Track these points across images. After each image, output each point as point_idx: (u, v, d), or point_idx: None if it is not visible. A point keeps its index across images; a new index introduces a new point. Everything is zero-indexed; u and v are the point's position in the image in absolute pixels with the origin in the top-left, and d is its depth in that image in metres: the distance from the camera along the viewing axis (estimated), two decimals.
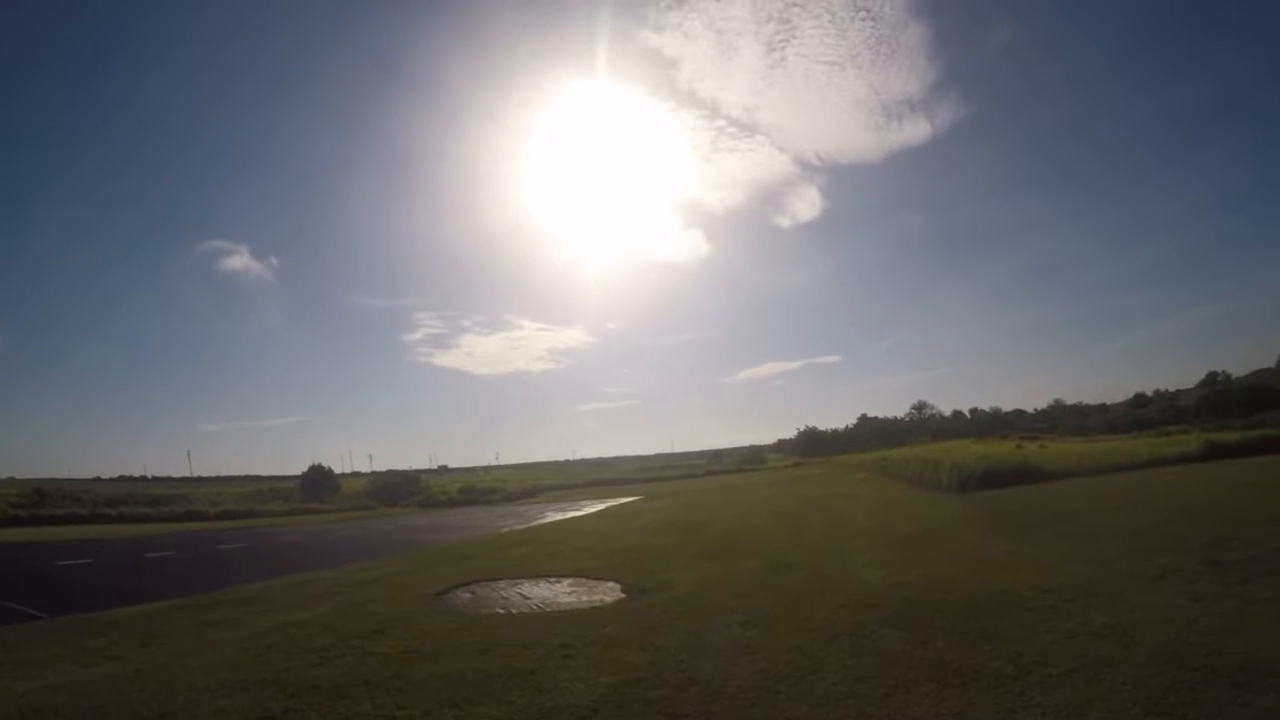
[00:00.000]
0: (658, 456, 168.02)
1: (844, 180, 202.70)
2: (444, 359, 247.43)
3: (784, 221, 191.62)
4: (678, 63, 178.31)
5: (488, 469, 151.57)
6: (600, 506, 47.58)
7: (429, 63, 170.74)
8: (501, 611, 12.52)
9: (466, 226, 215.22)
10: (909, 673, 7.33)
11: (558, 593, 14.19)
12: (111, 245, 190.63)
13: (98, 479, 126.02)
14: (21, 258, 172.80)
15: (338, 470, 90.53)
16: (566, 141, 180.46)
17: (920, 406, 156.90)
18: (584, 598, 13.41)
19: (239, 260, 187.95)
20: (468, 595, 14.35)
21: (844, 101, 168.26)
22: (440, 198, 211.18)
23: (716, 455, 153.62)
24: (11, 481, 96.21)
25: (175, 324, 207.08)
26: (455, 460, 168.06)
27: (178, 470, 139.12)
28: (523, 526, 34.28)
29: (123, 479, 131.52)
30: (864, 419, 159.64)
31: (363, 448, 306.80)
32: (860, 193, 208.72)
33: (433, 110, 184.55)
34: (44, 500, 54.88)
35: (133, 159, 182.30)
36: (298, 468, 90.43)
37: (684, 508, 36.75)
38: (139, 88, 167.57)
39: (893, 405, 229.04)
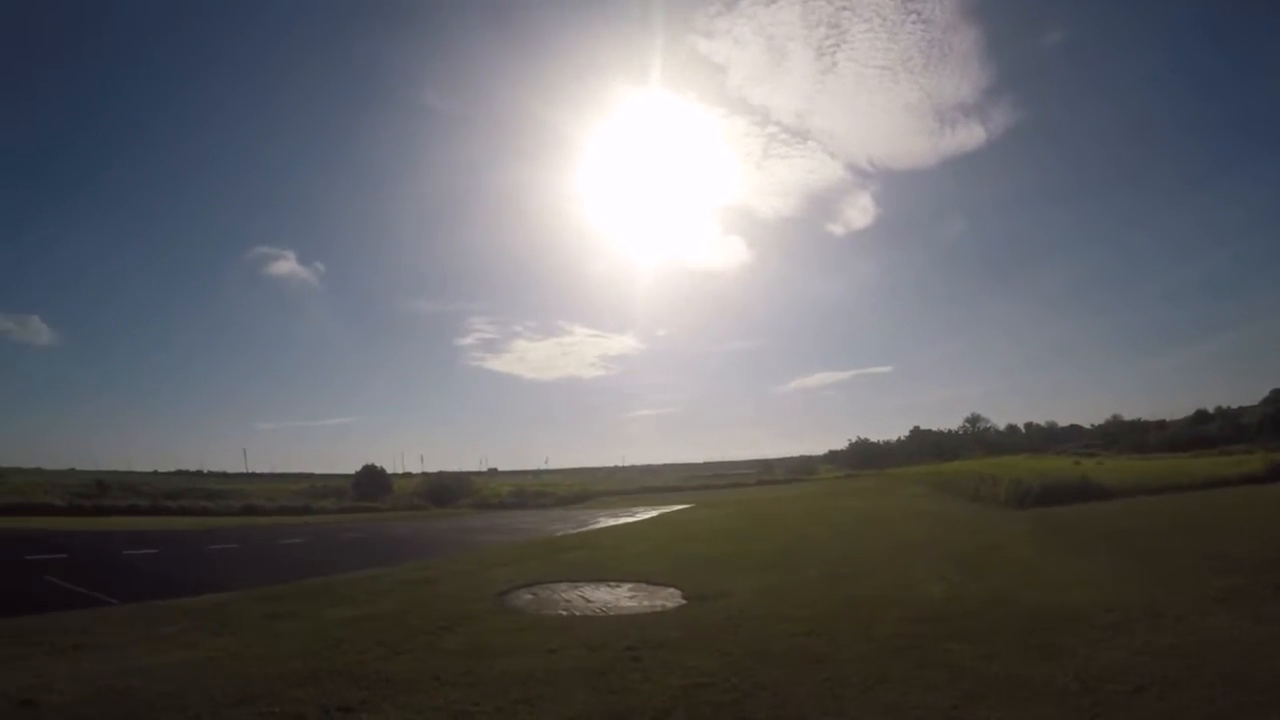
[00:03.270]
0: (707, 465, 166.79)
1: (897, 187, 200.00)
2: (496, 363, 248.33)
3: (837, 229, 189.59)
4: (727, 69, 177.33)
5: (537, 473, 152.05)
6: (653, 513, 47.65)
7: (479, 71, 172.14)
8: (564, 613, 12.74)
9: (520, 232, 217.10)
10: (976, 686, 7.41)
11: (619, 597, 14.38)
12: (167, 250, 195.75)
13: (155, 472, 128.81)
14: (82, 263, 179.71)
15: (390, 470, 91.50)
16: (618, 148, 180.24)
17: (974, 420, 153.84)
18: (645, 602, 13.59)
19: (285, 265, 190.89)
20: (529, 596, 14.58)
21: (896, 106, 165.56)
22: (493, 203, 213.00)
23: (766, 465, 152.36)
24: (73, 473, 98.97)
25: (228, 326, 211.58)
26: (505, 463, 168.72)
27: (233, 466, 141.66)
28: (577, 531, 34.51)
29: (180, 473, 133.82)
30: (916, 431, 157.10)
31: (414, 449, 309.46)
32: (914, 199, 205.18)
33: (484, 117, 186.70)
34: (105, 491, 55.70)
35: (182, 167, 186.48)
36: (350, 467, 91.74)
37: (738, 516, 36.79)
38: (183, 97, 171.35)
39: (945, 418, 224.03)
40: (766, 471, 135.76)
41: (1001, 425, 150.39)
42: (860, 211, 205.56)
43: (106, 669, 9.17)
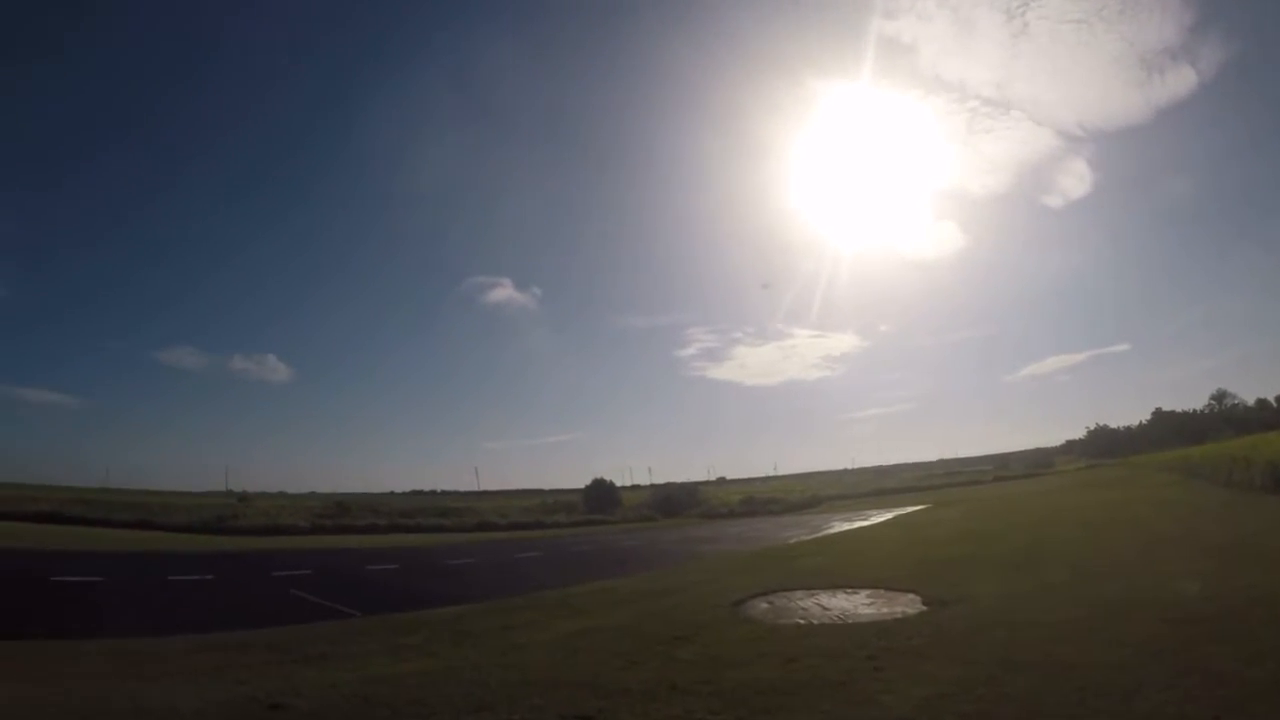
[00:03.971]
0: (939, 463, 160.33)
1: (1112, 148, 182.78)
2: (717, 371, 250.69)
3: (1053, 201, 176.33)
4: (916, 47, 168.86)
5: (766, 479, 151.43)
6: (887, 516, 46.56)
7: (682, 82, 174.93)
8: (802, 622, 12.70)
9: (731, 238, 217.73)
10: (1240, 693, 6.82)
11: (856, 604, 14.20)
12: (391, 285, 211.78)
13: (392, 493, 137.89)
14: (311, 302, 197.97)
15: (619, 483, 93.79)
16: (817, 144, 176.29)
17: (1220, 396, 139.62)
18: (884, 609, 13.35)
19: (503, 292, 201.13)
20: (765, 605, 14.62)
21: (1098, 61, 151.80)
22: (703, 213, 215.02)
23: (1001, 460, 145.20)
24: (315, 496, 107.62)
25: (453, 353, 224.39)
26: (733, 472, 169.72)
27: (465, 485, 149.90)
28: (810, 537, 34.30)
29: (415, 493, 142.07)
30: (1159, 414, 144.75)
31: (642, 461, 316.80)
32: (1132, 158, 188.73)
33: (685, 129, 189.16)
34: (345, 512, 59.86)
35: (401, 204, 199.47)
36: (579, 481, 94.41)
37: (976, 516, 35.35)
38: (399, 141, 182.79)
39: (1189, 397, 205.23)
40: (1002, 467, 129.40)
41: (1250, 400, 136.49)
42: (1076, 179, 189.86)
43: (350, 677, 9.83)
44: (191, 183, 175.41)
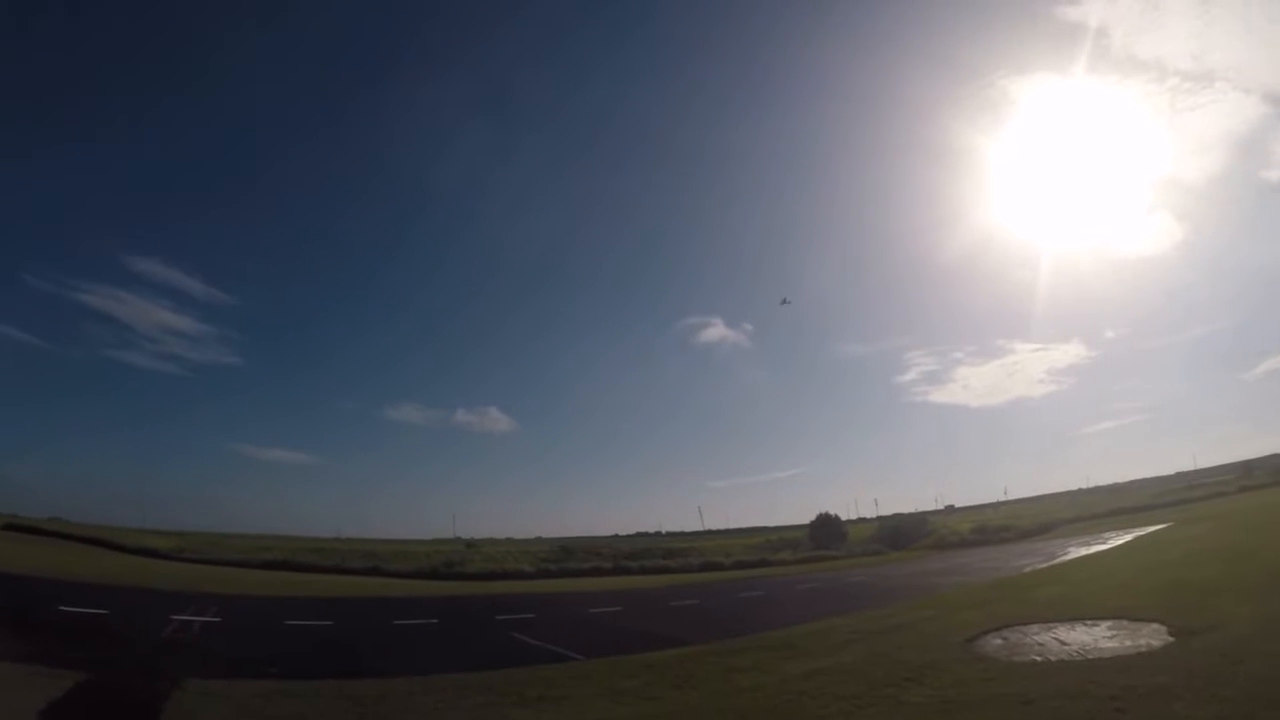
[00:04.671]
0: (1177, 475, 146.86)
1: None
2: (940, 395, 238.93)
3: (1273, 174, 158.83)
4: (1107, 30, 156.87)
5: (996, 505, 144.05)
6: (1127, 537, 43.17)
7: (873, 99, 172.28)
8: (1038, 659, 12.13)
9: (939, 254, 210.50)
10: None
11: (1097, 637, 13.40)
12: (606, 332, 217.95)
13: (616, 536, 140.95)
14: (529, 356, 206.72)
15: (844, 517, 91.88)
16: (1016, 144, 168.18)
17: None
18: (1126, 642, 12.53)
19: (715, 331, 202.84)
20: (999, 641, 14.05)
21: None
22: (906, 230, 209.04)
23: (1244, 467, 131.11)
24: (539, 540, 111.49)
25: (670, 394, 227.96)
26: (961, 499, 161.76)
27: (689, 525, 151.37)
28: (1045, 565, 32.41)
29: (639, 535, 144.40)
30: None
31: (866, 493, 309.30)
32: None
33: (877, 144, 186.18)
34: (569, 555, 61.22)
35: (616, 252, 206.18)
36: (804, 517, 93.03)
37: (1224, 531, 32.23)
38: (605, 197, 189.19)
39: None
40: (1246, 475, 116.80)
41: None
42: None
43: None
44: (410, 249, 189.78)
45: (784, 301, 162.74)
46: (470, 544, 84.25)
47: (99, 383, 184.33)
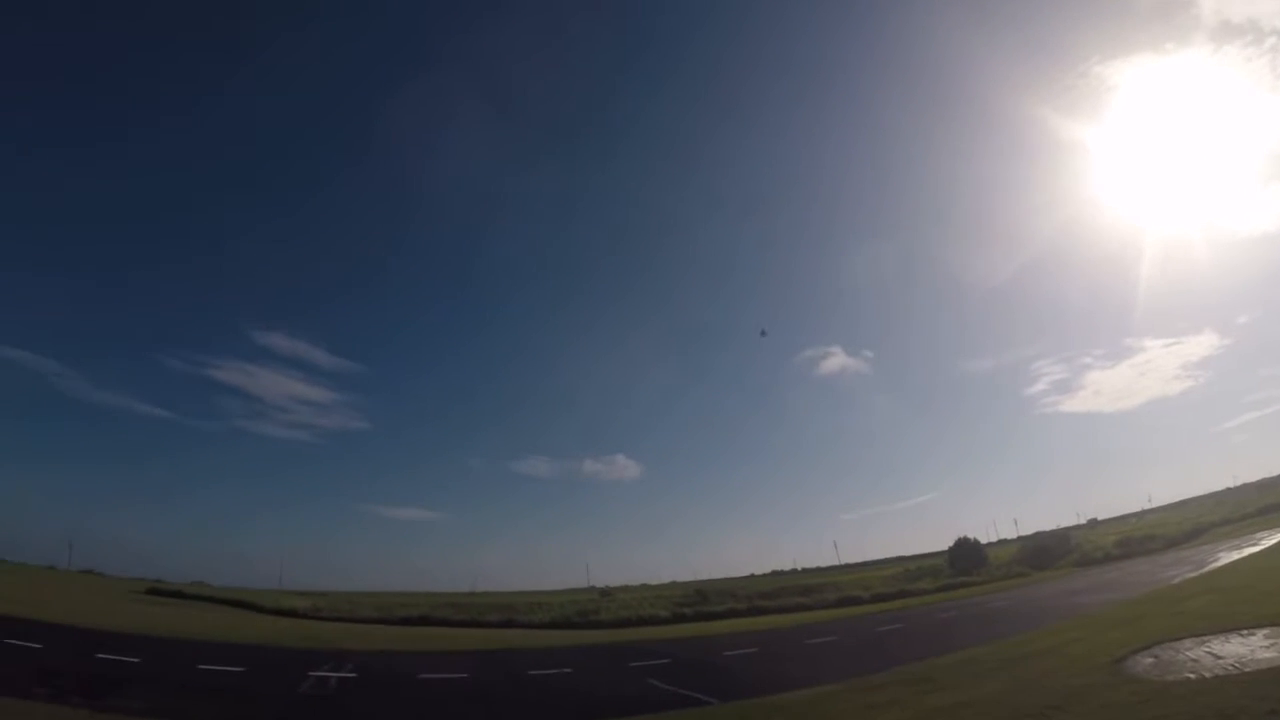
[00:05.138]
0: None
1: None
2: (1071, 404, 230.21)
3: None
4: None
5: (1140, 514, 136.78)
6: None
7: (968, 103, 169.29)
8: (1192, 676, 11.49)
9: (1054, 255, 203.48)
10: None
11: (1253, 648, 12.65)
12: (728, 368, 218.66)
13: (751, 575, 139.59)
14: (656, 399, 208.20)
15: (983, 540, 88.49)
16: (1118, 130, 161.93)
17: None
18: None
19: (836, 361, 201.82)
20: (1150, 660, 13.37)
21: None
22: (1019, 234, 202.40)
23: None
24: (674, 584, 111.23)
25: (797, 429, 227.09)
26: (1104, 511, 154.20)
27: (825, 560, 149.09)
28: (1195, 574, 30.67)
29: (775, 574, 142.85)
30: None
31: (1005, 513, 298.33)
32: None
33: (975, 147, 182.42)
34: (704, 599, 60.31)
35: (724, 292, 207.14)
36: (941, 543, 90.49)
37: None
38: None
39: None
40: None
41: None
42: None
43: None
44: (531, 309, 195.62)
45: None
46: (605, 592, 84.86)
47: (234, 453, 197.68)
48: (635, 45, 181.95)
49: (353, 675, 22.28)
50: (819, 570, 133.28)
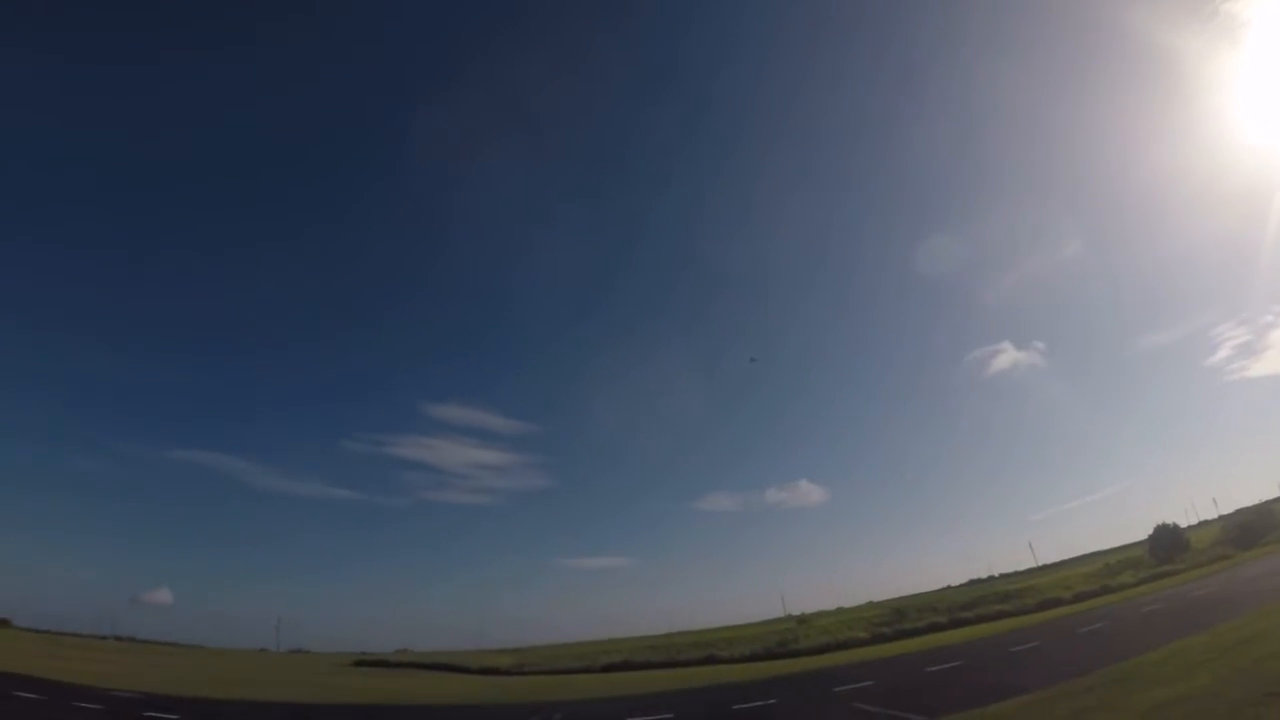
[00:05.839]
0: None
1: None
2: (1259, 367, 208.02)
3: None
4: None
5: None
6: None
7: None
8: None
9: (1218, 210, 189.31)
10: None
11: None
12: (899, 382, 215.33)
13: (948, 587, 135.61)
14: (832, 422, 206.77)
15: (1182, 523, 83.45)
16: (1258, 67, 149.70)
17: None
18: None
19: (1006, 358, 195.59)
20: None
21: None
22: (1178, 193, 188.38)
23: None
24: (871, 605, 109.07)
25: (973, 431, 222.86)
26: None
27: (1022, 563, 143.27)
28: None
29: (972, 583, 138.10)
30: None
31: (1202, 492, 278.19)
32: None
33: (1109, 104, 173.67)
34: (902, 617, 58.82)
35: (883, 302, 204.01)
36: (1139, 532, 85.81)
37: None
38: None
39: None
40: None
41: None
42: None
43: None
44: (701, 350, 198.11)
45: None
46: (802, 619, 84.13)
47: (424, 524, 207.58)
48: None
49: None
50: (1016, 575, 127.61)
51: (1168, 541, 74.66)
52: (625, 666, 54.71)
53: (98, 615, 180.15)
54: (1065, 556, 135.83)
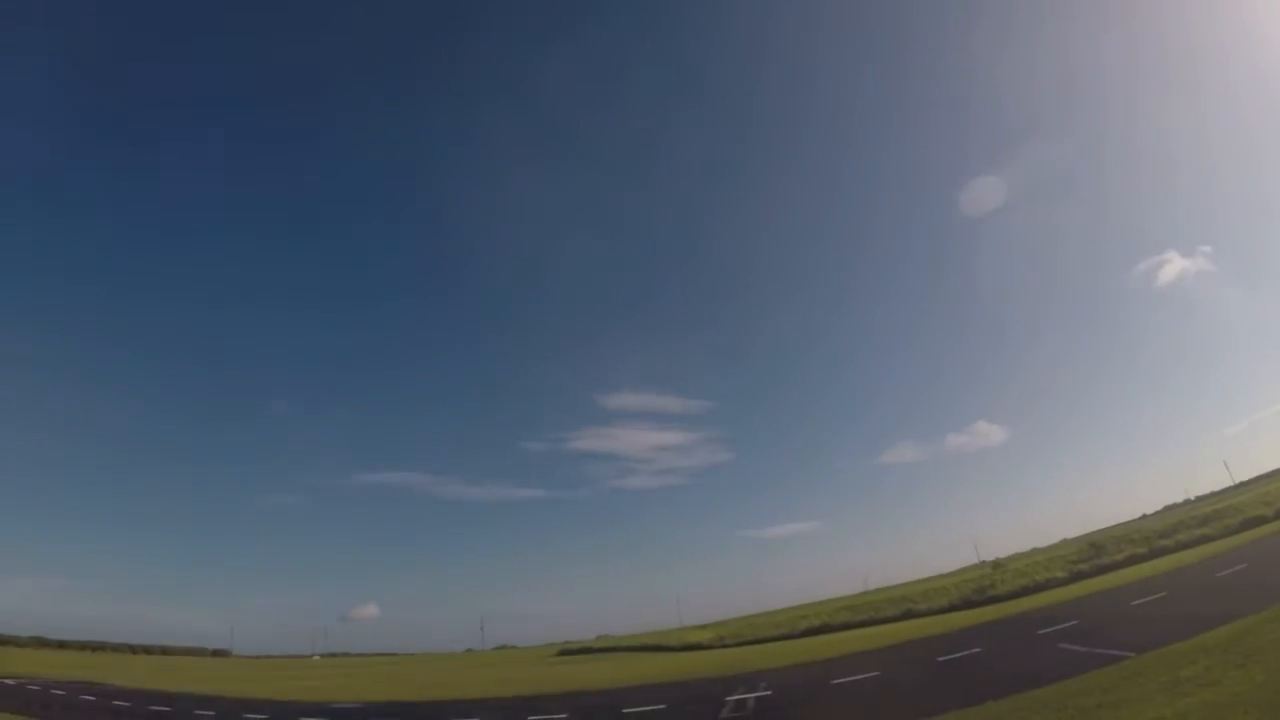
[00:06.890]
0: None
1: None
2: None
3: None
4: None
5: None
6: None
7: None
8: None
9: None
10: None
11: None
12: (1066, 305, 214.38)
13: (1144, 515, 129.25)
14: (1005, 355, 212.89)
15: None
16: None
17: None
18: None
19: (1173, 267, 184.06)
20: None
21: None
22: None
23: None
24: (1065, 543, 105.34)
25: (1147, 349, 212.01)
26: None
27: (1218, 482, 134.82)
28: None
29: (1167, 509, 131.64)
30: None
31: None
32: None
33: None
34: (1100, 551, 57.19)
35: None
36: None
37: None
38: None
39: None
40: None
41: None
42: None
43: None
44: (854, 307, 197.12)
45: None
46: (996, 564, 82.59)
47: (612, 512, 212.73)
48: None
49: (767, 693, 23.12)
50: (1214, 495, 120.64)
51: None
52: (824, 629, 55.64)
53: (312, 635, 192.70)
54: (1265, 470, 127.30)
